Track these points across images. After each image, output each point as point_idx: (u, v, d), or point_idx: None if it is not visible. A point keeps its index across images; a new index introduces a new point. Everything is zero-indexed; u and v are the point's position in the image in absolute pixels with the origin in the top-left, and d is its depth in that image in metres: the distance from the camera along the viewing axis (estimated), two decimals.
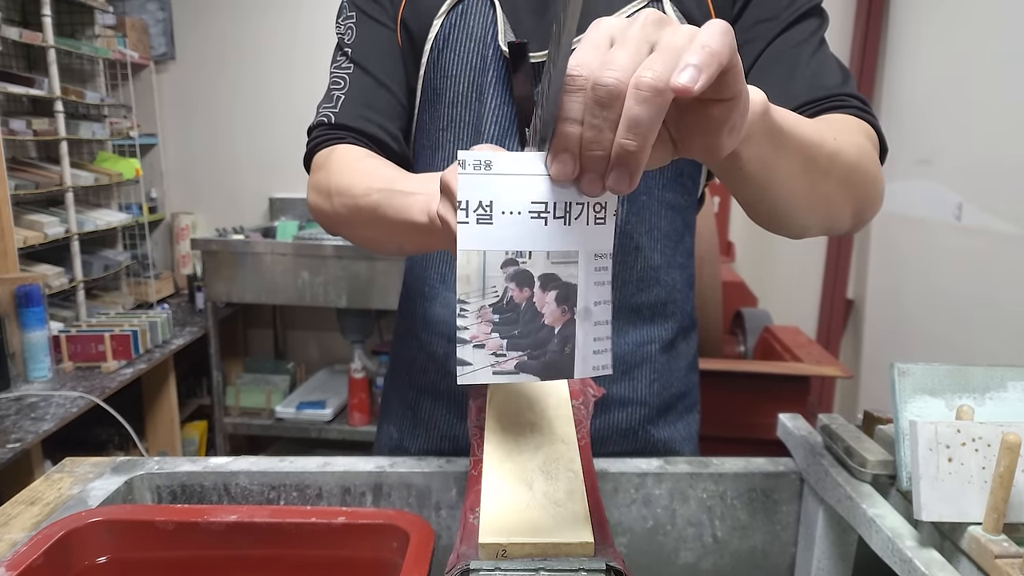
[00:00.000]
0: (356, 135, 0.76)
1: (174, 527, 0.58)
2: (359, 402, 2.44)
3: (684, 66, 0.36)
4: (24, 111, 2.31)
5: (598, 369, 0.45)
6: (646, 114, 0.36)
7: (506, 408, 0.63)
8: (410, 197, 0.60)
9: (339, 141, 0.75)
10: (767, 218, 0.59)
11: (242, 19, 2.76)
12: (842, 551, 0.67)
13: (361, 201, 0.66)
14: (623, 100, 0.37)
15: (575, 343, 0.44)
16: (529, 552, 0.46)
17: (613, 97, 0.37)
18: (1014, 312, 1.77)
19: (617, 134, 0.37)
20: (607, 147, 0.38)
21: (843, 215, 0.63)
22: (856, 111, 0.67)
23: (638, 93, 0.36)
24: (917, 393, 0.57)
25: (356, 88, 0.76)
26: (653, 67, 0.36)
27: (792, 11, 0.70)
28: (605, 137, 0.38)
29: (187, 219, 2.87)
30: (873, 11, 2.49)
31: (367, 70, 0.77)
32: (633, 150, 0.37)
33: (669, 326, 0.82)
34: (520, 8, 0.73)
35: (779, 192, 0.54)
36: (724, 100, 0.39)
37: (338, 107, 0.76)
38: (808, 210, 0.59)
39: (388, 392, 0.92)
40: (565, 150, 0.39)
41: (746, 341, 2.09)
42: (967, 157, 2.01)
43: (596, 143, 0.38)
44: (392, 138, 0.77)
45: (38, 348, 1.85)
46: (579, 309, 0.43)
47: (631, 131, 0.37)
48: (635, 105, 0.36)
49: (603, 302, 0.44)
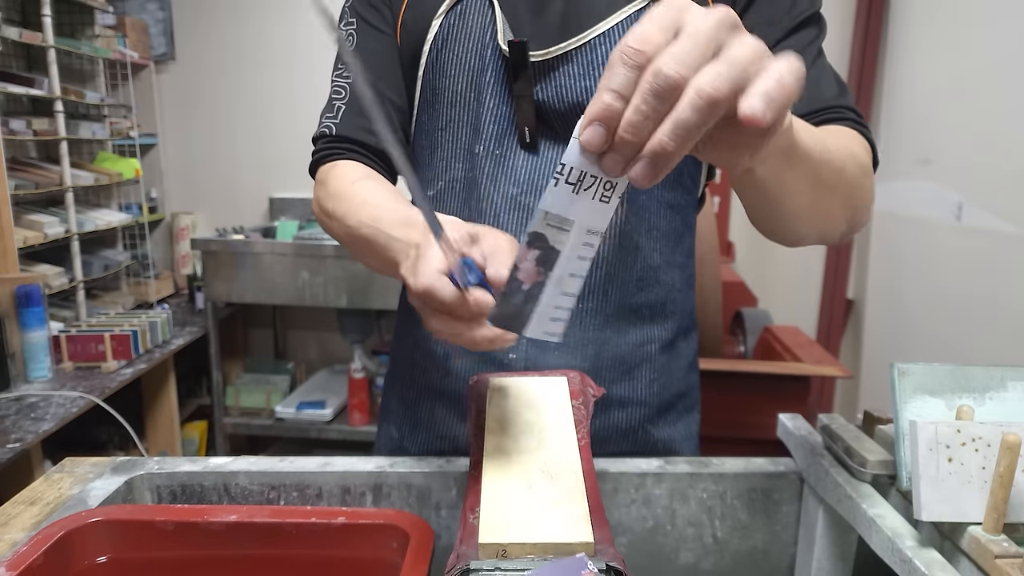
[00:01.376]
0: (357, 147, 0.77)
1: (174, 527, 0.58)
2: (359, 402, 2.44)
3: (757, 93, 0.35)
4: (24, 111, 2.31)
5: (548, 335, 0.46)
6: (695, 120, 0.35)
7: (506, 408, 0.63)
8: (392, 242, 0.62)
9: (340, 156, 0.77)
10: (767, 225, 0.60)
11: (242, 19, 2.76)
12: (842, 551, 0.67)
13: (354, 232, 0.68)
14: (679, 96, 0.36)
15: (537, 304, 0.45)
16: (529, 552, 0.46)
17: (671, 91, 0.36)
18: (1014, 312, 1.77)
19: (660, 130, 0.36)
20: (644, 136, 0.37)
21: (838, 228, 0.64)
22: (852, 124, 0.68)
23: (695, 99, 0.35)
24: (917, 393, 0.57)
25: (356, 98, 0.77)
26: (715, 76, 0.35)
27: (792, 17, 0.70)
28: (646, 127, 0.37)
29: (187, 219, 2.87)
30: (873, 11, 2.49)
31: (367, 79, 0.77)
32: (671, 151, 0.36)
33: (669, 326, 0.82)
34: (519, 8, 0.73)
35: (785, 204, 0.55)
36: (768, 129, 0.39)
37: (339, 118, 0.78)
38: (809, 222, 0.60)
39: (388, 392, 0.92)
40: (601, 121, 0.38)
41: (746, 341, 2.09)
42: (967, 157, 2.01)
43: (635, 129, 0.37)
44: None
45: (38, 348, 1.85)
46: (553, 275, 0.44)
47: (675, 132, 0.36)
48: (688, 108, 0.35)
49: (578, 276, 0.45)
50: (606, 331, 0.78)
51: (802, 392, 1.74)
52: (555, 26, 0.72)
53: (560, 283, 0.44)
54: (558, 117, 0.73)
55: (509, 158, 0.74)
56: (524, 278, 0.44)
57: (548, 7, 0.72)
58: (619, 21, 0.71)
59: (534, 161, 0.74)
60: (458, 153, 0.77)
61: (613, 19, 0.71)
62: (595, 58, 0.71)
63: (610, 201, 0.42)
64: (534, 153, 0.74)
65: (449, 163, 0.78)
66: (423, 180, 0.81)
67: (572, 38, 0.71)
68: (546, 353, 0.77)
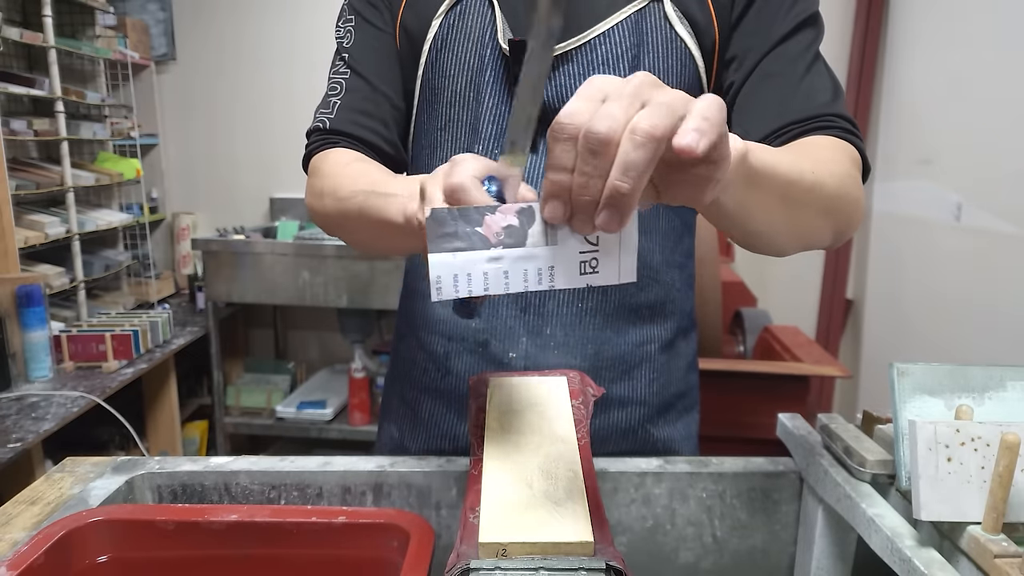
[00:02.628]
0: (350, 140, 0.77)
1: (174, 527, 0.58)
2: (359, 402, 2.44)
3: (687, 130, 0.38)
4: (25, 111, 2.31)
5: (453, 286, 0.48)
6: (641, 158, 0.38)
7: (506, 408, 0.63)
8: (389, 198, 0.61)
9: (334, 146, 0.77)
10: (744, 241, 0.62)
11: (242, 19, 2.76)
12: (841, 551, 0.67)
13: (347, 203, 0.67)
14: (614, 149, 0.39)
15: (469, 254, 0.46)
16: (529, 551, 0.46)
17: (604, 145, 0.39)
18: (1013, 312, 1.77)
19: (611, 175, 0.39)
20: (596, 194, 0.40)
21: (822, 237, 0.65)
22: (842, 132, 0.68)
23: (633, 138, 0.38)
24: (916, 393, 0.57)
25: (352, 94, 0.77)
26: (649, 117, 0.39)
27: (791, 19, 0.70)
28: (594, 185, 0.40)
29: (187, 219, 2.87)
30: (873, 11, 2.49)
31: (363, 76, 0.78)
32: (625, 192, 0.39)
33: (668, 326, 0.82)
34: (518, 7, 0.73)
35: (756, 224, 0.56)
36: (711, 161, 0.41)
37: (334, 113, 0.77)
38: (786, 236, 0.61)
39: (388, 392, 0.92)
40: (555, 196, 0.42)
41: (746, 341, 2.10)
42: (967, 157, 2.01)
43: (585, 190, 0.40)
44: (387, 142, 0.78)
45: (39, 348, 1.85)
46: (505, 252, 0.45)
47: (625, 174, 0.39)
48: (631, 150, 0.38)
49: (508, 283, 0.47)
50: (606, 331, 0.78)
51: (801, 392, 1.74)
52: None
53: (496, 261, 0.45)
54: None
55: None
56: (486, 227, 0.45)
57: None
58: (619, 21, 0.71)
59: (533, 160, 0.74)
60: (457, 152, 0.77)
61: (613, 19, 0.71)
62: (595, 58, 0.71)
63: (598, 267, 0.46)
64: (533, 152, 0.75)
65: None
66: None
67: (572, 38, 0.71)
68: (546, 353, 0.77)
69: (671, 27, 0.71)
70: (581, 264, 0.46)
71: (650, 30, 0.71)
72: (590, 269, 0.46)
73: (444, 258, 0.44)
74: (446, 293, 0.45)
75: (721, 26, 0.72)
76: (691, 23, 0.71)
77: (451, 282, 0.45)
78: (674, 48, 0.71)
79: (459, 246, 0.45)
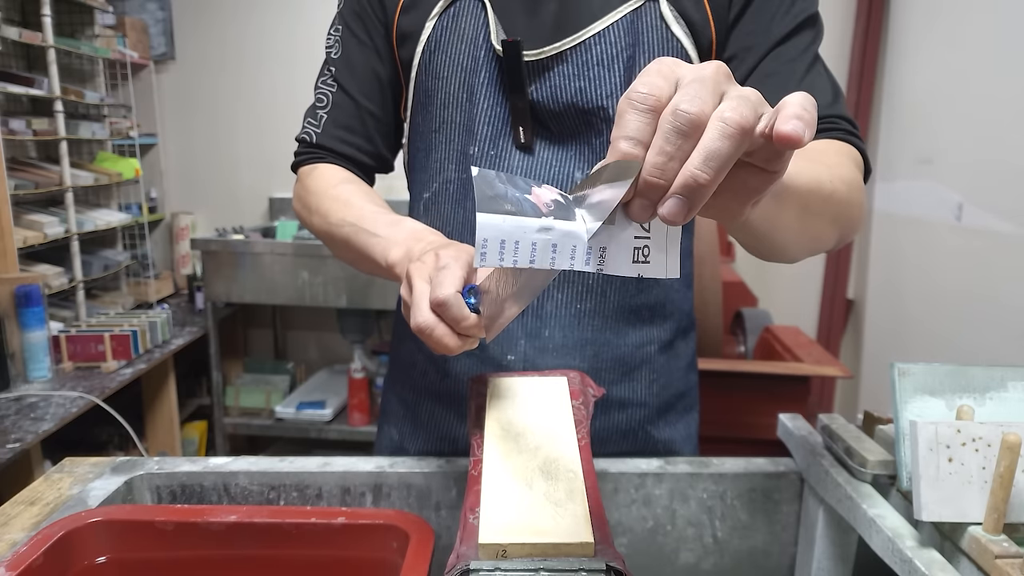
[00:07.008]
0: (335, 156, 0.82)
1: (174, 527, 0.58)
2: (359, 402, 2.44)
3: (790, 116, 0.35)
4: (24, 111, 2.31)
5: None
6: (727, 149, 0.35)
7: (506, 408, 0.63)
8: (373, 239, 0.67)
9: (321, 160, 0.82)
10: (758, 253, 0.61)
11: (242, 19, 2.76)
12: (842, 551, 0.67)
13: (335, 230, 0.73)
14: (701, 132, 0.36)
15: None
16: (529, 552, 0.46)
17: (695, 127, 0.36)
18: (1014, 312, 1.77)
19: (690, 163, 0.36)
20: (671, 178, 0.36)
21: (828, 242, 0.65)
22: (844, 134, 0.68)
23: (724, 127, 0.35)
24: (917, 393, 0.57)
25: (337, 109, 0.81)
26: (738, 108, 0.36)
27: (789, 20, 0.70)
28: (671, 168, 0.36)
29: (187, 219, 2.87)
30: (873, 11, 2.49)
31: (348, 92, 0.81)
32: (704, 183, 0.35)
33: (668, 326, 0.82)
34: (511, 8, 0.73)
35: (775, 237, 0.56)
36: (769, 172, 0.39)
37: (320, 126, 0.81)
38: (799, 245, 0.61)
39: (388, 394, 0.92)
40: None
41: (746, 341, 2.09)
42: (968, 157, 2.01)
43: (660, 171, 0.36)
44: (370, 155, 0.83)
45: (38, 348, 1.85)
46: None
47: (707, 163, 0.35)
48: (718, 138, 0.35)
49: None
50: (605, 332, 0.78)
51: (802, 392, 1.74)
52: (549, 26, 0.72)
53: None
54: (553, 117, 0.73)
55: (504, 159, 0.74)
56: (535, 196, 0.42)
57: (542, 7, 0.72)
58: (614, 21, 0.70)
59: (529, 161, 0.74)
60: (452, 155, 0.77)
61: (608, 19, 0.70)
62: (590, 58, 0.71)
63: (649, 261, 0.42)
64: (529, 153, 0.74)
65: (443, 164, 0.78)
66: (419, 182, 0.82)
67: (566, 38, 0.71)
68: (544, 355, 0.77)
69: (667, 27, 0.71)
70: (635, 251, 0.41)
71: (646, 30, 0.71)
72: (642, 257, 0.41)
73: (494, 219, 0.40)
74: (491, 259, 0.40)
75: (718, 26, 0.71)
76: (687, 23, 0.71)
77: (497, 248, 0.40)
78: (670, 48, 0.71)
79: (509, 209, 0.40)
